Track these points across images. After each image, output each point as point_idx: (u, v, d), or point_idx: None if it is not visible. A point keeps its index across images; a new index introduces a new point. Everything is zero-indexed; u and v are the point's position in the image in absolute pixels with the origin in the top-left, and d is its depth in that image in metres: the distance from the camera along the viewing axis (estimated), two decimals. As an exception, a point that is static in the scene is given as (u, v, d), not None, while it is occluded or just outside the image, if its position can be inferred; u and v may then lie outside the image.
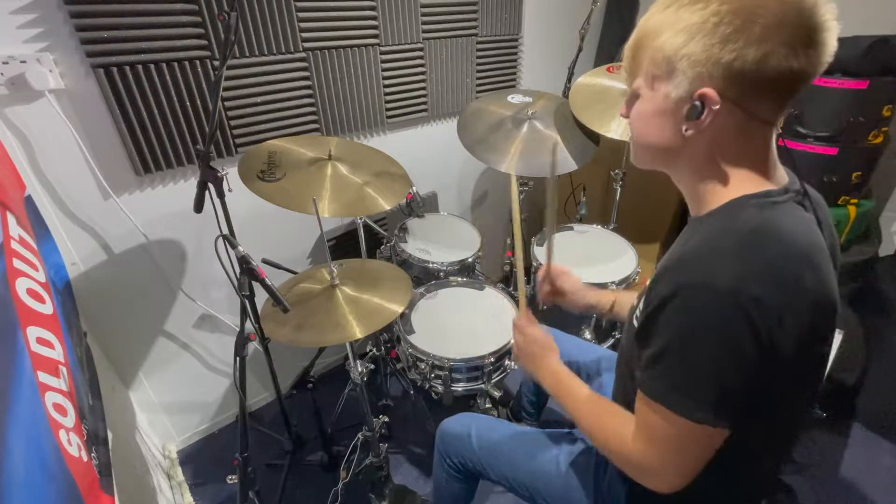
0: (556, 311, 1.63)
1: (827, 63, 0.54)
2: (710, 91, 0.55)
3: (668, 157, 0.65)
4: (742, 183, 0.61)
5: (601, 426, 0.73)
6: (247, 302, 1.05)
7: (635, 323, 0.67)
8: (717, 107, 0.56)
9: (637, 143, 0.69)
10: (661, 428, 0.60)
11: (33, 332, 0.74)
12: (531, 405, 1.45)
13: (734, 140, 0.59)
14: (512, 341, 1.10)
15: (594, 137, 1.52)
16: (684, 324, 0.56)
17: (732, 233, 0.56)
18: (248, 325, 1.13)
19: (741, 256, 0.54)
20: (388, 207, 1.20)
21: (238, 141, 1.40)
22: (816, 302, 0.55)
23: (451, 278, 1.57)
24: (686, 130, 0.60)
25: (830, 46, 0.54)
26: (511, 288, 1.67)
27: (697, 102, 0.57)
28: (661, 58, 0.58)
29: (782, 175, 0.64)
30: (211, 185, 1.08)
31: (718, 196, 0.62)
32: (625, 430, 0.67)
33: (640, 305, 0.66)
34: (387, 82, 1.67)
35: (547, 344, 0.91)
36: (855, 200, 1.63)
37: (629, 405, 0.78)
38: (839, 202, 1.62)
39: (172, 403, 1.63)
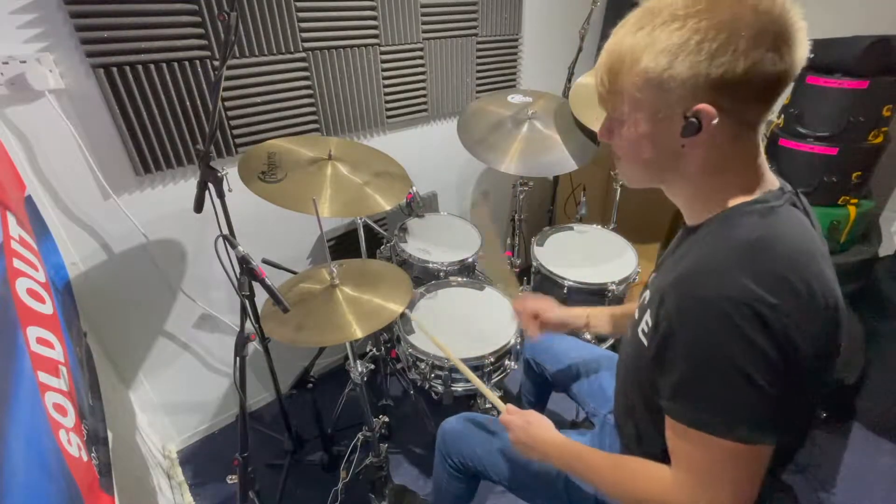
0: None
1: (805, 59, 0.56)
2: (705, 106, 0.55)
3: (662, 173, 0.66)
4: (737, 189, 0.61)
5: (633, 485, 0.69)
6: (247, 302, 1.05)
7: (643, 340, 0.66)
8: (716, 121, 0.56)
9: (628, 164, 0.69)
10: (705, 457, 0.58)
11: (33, 332, 0.74)
12: (531, 405, 1.45)
13: (728, 147, 0.60)
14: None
15: (594, 137, 1.52)
16: (702, 340, 0.55)
17: (737, 243, 0.56)
18: (248, 325, 1.12)
19: (750, 267, 0.54)
20: (388, 207, 1.20)
21: (238, 141, 1.40)
22: (826, 305, 0.55)
23: (451, 278, 1.57)
24: (683, 147, 0.60)
25: (805, 43, 0.55)
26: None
27: (693, 119, 0.56)
28: (645, 81, 0.58)
29: (772, 177, 0.64)
30: (211, 185, 1.08)
31: (715, 204, 0.62)
32: (661, 477, 0.64)
33: (648, 321, 0.65)
34: (387, 82, 1.67)
35: (544, 423, 0.87)
36: (855, 200, 1.63)
37: (632, 415, 0.77)
38: (839, 202, 1.61)
39: (172, 403, 1.63)
